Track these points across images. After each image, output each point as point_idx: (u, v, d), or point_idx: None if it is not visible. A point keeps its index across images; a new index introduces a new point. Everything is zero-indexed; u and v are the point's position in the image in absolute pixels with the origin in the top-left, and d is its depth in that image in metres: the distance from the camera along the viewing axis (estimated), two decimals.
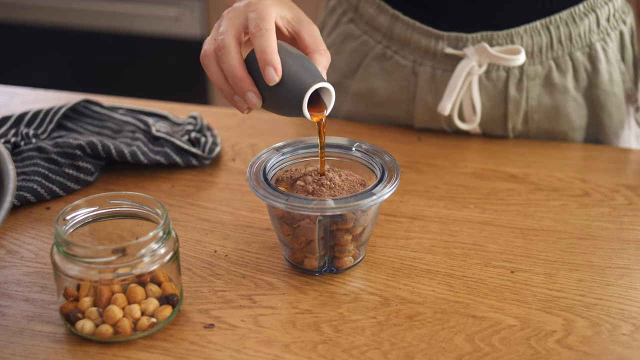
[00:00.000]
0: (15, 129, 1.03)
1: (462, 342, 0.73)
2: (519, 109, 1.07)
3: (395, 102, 1.11)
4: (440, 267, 0.83)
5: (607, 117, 1.09)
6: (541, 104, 1.07)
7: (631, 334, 0.74)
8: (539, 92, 1.06)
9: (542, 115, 1.08)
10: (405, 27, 1.06)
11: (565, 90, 1.06)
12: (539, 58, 1.04)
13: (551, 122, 1.08)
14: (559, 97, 1.07)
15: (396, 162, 0.81)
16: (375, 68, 1.10)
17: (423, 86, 1.08)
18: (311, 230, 0.77)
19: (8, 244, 0.86)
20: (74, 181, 0.96)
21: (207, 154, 1.01)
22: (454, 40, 1.04)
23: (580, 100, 1.08)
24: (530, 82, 1.05)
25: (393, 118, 1.13)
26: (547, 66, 1.05)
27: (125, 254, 0.70)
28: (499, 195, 0.96)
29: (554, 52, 1.04)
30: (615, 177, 1.00)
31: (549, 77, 1.06)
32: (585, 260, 0.84)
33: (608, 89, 1.07)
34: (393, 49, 1.08)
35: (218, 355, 0.71)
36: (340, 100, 1.16)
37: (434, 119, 1.10)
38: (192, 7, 2.24)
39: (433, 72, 1.06)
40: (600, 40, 1.05)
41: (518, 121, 1.08)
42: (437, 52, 1.05)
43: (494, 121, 1.09)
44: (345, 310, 0.77)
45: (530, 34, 1.03)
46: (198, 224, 0.90)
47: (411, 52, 1.07)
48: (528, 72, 1.05)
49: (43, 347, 0.72)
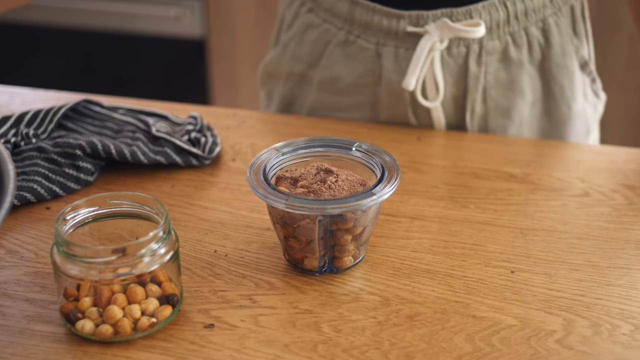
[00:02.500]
0: (15, 129, 1.03)
1: (462, 342, 0.73)
2: (478, 84, 1.09)
3: (360, 86, 1.12)
4: (440, 267, 0.83)
5: (559, 88, 1.12)
6: (498, 78, 1.10)
7: (631, 334, 0.74)
8: (496, 66, 1.09)
9: (499, 90, 1.11)
10: (366, 11, 1.08)
11: (520, 64, 1.10)
12: (497, 33, 1.08)
13: (507, 97, 1.11)
14: (514, 71, 1.10)
15: (396, 162, 0.81)
16: (338, 55, 1.12)
17: (387, 67, 1.10)
18: (311, 230, 0.77)
19: (8, 244, 0.86)
20: (74, 181, 0.96)
21: (207, 154, 1.01)
22: (415, 18, 1.06)
23: (534, 73, 1.11)
24: (489, 57, 1.08)
25: (358, 105, 1.14)
26: (505, 41, 1.08)
27: (125, 254, 0.70)
28: (499, 195, 0.96)
29: (511, 27, 1.08)
30: (615, 177, 1.00)
31: (505, 52, 1.09)
32: (585, 260, 0.84)
33: (560, 61, 1.11)
34: (355, 33, 1.10)
35: (218, 355, 0.71)
36: (306, 92, 1.16)
37: (399, 102, 1.11)
38: (192, 7, 2.24)
39: (396, 51, 1.09)
40: (553, 15, 1.09)
41: (477, 98, 1.10)
42: (399, 32, 1.07)
43: (453, 100, 1.11)
44: (345, 310, 0.77)
45: (488, 10, 1.06)
46: (198, 224, 0.90)
47: (373, 34, 1.09)
48: (487, 47, 1.08)
49: (43, 347, 0.72)
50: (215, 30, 2.26)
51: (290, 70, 1.17)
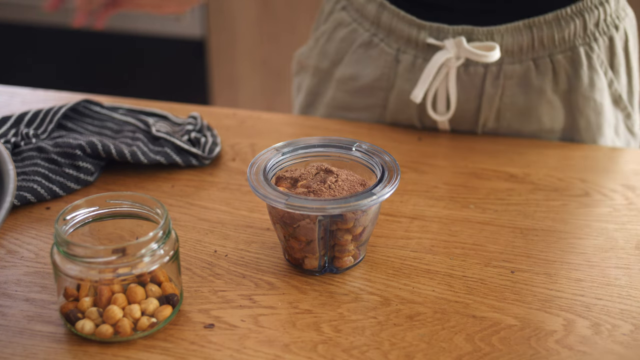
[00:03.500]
0: (15, 129, 1.03)
1: (462, 342, 0.73)
2: (492, 105, 1.07)
3: (374, 89, 1.12)
4: (440, 267, 0.83)
5: (584, 121, 1.08)
6: (514, 102, 1.07)
7: (631, 334, 0.74)
8: (514, 90, 1.06)
9: (514, 114, 1.08)
10: (391, 16, 1.08)
11: (542, 92, 1.06)
12: (519, 57, 1.05)
13: (521, 123, 1.09)
14: (534, 97, 1.06)
15: (396, 162, 0.81)
16: (360, 55, 1.12)
17: (402, 74, 1.09)
18: (311, 230, 0.77)
19: (8, 244, 0.86)
20: (74, 181, 0.96)
21: (207, 154, 1.01)
22: (436, 30, 1.05)
23: (558, 103, 1.07)
24: (507, 81, 1.06)
25: (369, 108, 1.14)
26: (526, 66, 1.05)
27: (125, 254, 0.70)
28: (499, 195, 0.96)
29: (535, 52, 1.04)
30: (615, 177, 1.00)
31: (526, 77, 1.05)
32: (585, 260, 0.84)
33: (587, 93, 1.06)
34: (379, 37, 1.10)
35: (218, 355, 0.71)
36: (327, 88, 1.17)
37: (406, 108, 1.11)
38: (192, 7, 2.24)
39: (414, 60, 1.08)
40: (585, 45, 1.05)
41: (490, 117, 1.09)
42: (419, 42, 1.07)
43: (465, 115, 1.09)
44: (345, 310, 0.77)
45: (511, 32, 1.03)
46: (198, 224, 0.90)
47: (395, 40, 1.09)
48: (506, 70, 1.05)
49: (43, 347, 0.72)
50: (215, 30, 2.26)
51: (317, 65, 1.18)
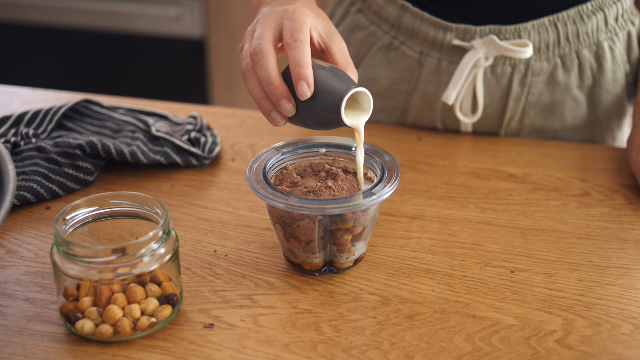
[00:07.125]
0: (15, 129, 1.03)
1: (462, 342, 0.73)
2: (519, 105, 1.07)
3: (395, 92, 1.11)
4: (440, 267, 0.83)
5: (606, 116, 1.09)
6: (540, 100, 1.07)
7: (631, 334, 0.74)
8: (541, 89, 1.07)
9: (539, 112, 1.08)
10: (414, 18, 1.07)
11: (567, 89, 1.07)
12: (546, 55, 1.05)
13: (546, 120, 1.09)
14: (559, 94, 1.07)
15: (396, 162, 0.81)
16: (380, 58, 1.11)
17: (426, 77, 1.08)
18: (311, 230, 0.77)
19: (8, 244, 0.86)
20: (74, 181, 0.96)
21: (207, 154, 1.01)
22: (462, 32, 1.05)
23: (581, 99, 1.08)
24: (535, 79, 1.06)
25: (388, 110, 1.13)
26: (553, 63, 1.06)
27: (125, 254, 0.70)
28: (499, 195, 0.96)
29: (561, 49, 1.05)
30: (615, 177, 1.00)
31: (553, 74, 1.06)
32: (585, 260, 0.84)
33: (611, 88, 1.08)
34: (401, 39, 1.09)
35: (218, 355, 0.71)
36: None
37: (429, 111, 1.10)
38: (192, 7, 2.24)
39: (439, 63, 1.07)
40: (608, 40, 1.06)
41: (515, 117, 1.08)
42: (445, 44, 1.06)
43: (490, 116, 1.09)
44: (345, 310, 0.77)
45: (538, 30, 1.04)
46: (198, 224, 0.90)
47: (419, 43, 1.08)
48: (534, 68, 1.05)
49: (43, 347, 0.72)
50: (215, 30, 2.26)
51: None
